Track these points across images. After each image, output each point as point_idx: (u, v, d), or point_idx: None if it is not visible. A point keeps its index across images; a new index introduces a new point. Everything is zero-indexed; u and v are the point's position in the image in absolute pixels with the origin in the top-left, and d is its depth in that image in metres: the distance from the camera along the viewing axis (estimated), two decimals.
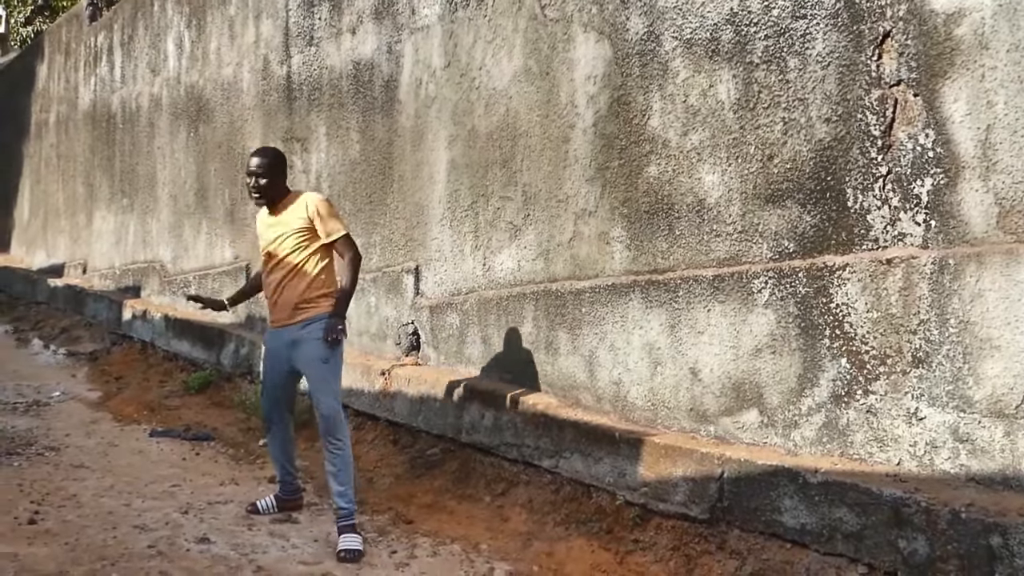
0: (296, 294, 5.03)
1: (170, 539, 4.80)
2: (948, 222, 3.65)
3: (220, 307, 5.65)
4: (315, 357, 4.99)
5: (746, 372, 4.35)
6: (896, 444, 3.77)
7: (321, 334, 4.95)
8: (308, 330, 5.02)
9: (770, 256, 4.31)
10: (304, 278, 5.03)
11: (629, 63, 5.02)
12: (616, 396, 5.02)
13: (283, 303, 5.08)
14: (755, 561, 4.03)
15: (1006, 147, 3.47)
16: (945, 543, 3.37)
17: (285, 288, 5.06)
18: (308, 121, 8.11)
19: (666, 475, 4.44)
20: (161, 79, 11.13)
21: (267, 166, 5.09)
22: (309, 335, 5.00)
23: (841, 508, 3.71)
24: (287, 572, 4.45)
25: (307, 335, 5.01)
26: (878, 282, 3.84)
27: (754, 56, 4.38)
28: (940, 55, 3.69)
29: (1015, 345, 3.39)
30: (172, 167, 10.75)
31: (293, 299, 5.04)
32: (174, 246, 10.66)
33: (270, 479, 6.06)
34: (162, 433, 7.31)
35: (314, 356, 4.99)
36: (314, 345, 4.98)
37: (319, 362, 4.98)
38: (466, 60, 6.24)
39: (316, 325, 5.00)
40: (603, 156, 5.17)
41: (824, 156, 4.09)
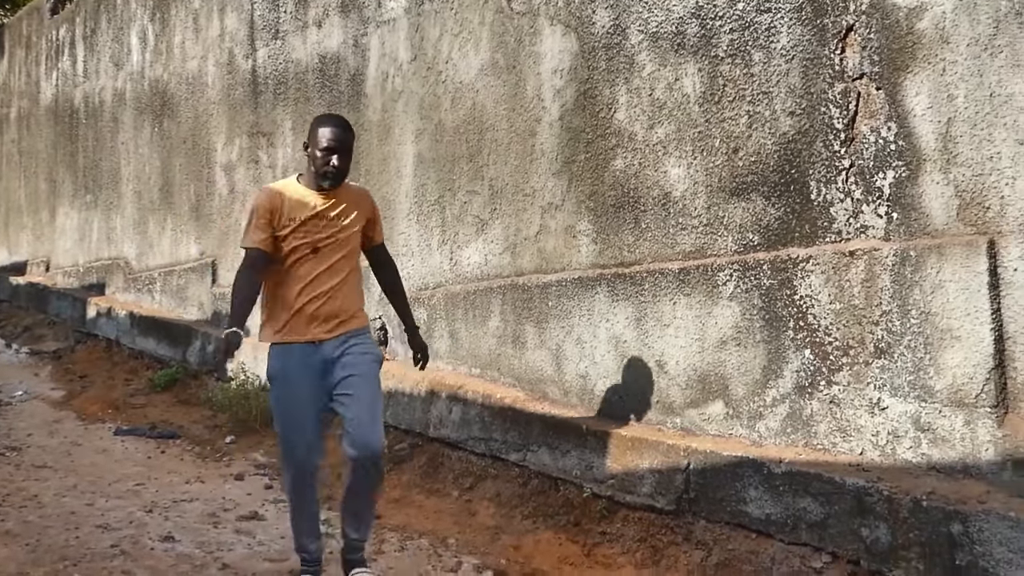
0: (347, 303, 4.08)
1: (134, 538, 4.75)
2: (910, 214, 3.69)
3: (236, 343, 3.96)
4: (368, 377, 4.02)
5: (711, 364, 4.37)
6: (859, 434, 3.80)
7: (372, 349, 4.11)
8: (355, 345, 4.05)
9: (735, 249, 4.33)
10: (355, 285, 4.16)
11: (595, 56, 5.02)
12: (583, 389, 5.03)
13: (327, 313, 4.02)
14: (721, 551, 4.05)
15: (966, 140, 3.51)
16: (907, 531, 3.41)
17: (335, 295, 4.03)
18: (274, 115, 8.05)
19: (633, 467, 4.46)
20: (125, 73, 11.01)
21: (350, 142, 4.10)
22: (357, 350, 4.04)
23: (805, 498, 3.74)
24: (253, 569, 4.43)
25: (355, 350, 4.04)
26: (841, 274, 3.87)
27: (719, 50, 4.40)
28: (902, 49, 3.72)
29: (975, 335, 3.43)
30: (136, 163, 10.64)
31: (341, 309, 4.05)
32: (139, 243, 10.55)
33: (237, 476, 6.02)
34: (127, 431, 7.24)
35: (366, 376, 4.02)
36: (365, 363, 4.04)
37: (373, 382, 4.04)
38: (432, 53, 6.22)
39: (362, 338, 4.10)
40: (569, 150, 5.17)
41: (788, 149, 4.12)
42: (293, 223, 3.98)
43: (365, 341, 4.09)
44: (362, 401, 3.95)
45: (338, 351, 4.00)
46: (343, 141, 4.05)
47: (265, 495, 5.65)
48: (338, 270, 4.03)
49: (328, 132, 4.02)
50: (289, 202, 4.01)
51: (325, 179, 4.01)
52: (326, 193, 4.05)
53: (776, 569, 3.82)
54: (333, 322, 4.01)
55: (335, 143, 4.01)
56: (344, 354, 4.00)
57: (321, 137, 4.00)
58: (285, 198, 4.02)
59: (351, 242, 4.11)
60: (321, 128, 4.04)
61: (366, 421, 3.92)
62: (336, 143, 4.01)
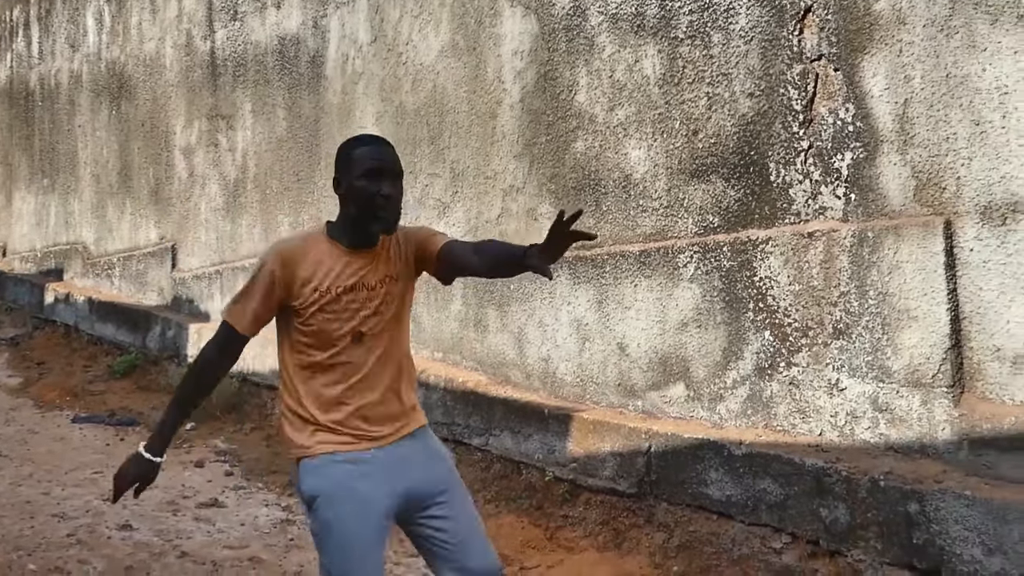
0: (407, 396, 2.86)
1: (91, 527, 4.69)
2: (867, 195, 3.69)
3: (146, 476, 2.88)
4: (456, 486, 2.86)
5: (672, 346, 4.37)
6: (818, 415, 3.82)
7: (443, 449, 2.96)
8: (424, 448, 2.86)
9: (695, 231, 4.33)
10: (411, 368, 2.93)
11: (556, 38, 4.99)
12: (545, 373, 5.01)
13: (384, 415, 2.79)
14: (682, 533, 4.06)
15: (922, 121, 3.52)
16: (865, 511, 3.43)
17: (392, 391, 2.82)
18: (233, 98, 7.95)
19: (595, 450, 4.46)
20: (81, 55, 10.83)
21: (401, 170, 2.78)
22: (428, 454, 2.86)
23: (765, 479, 3.76)
24: (212, 557, 4.39)
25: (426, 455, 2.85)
26: (800, 255, 3.87)
27: (679, 31, 4.38)
28: (859, 30, 3.72)
29: (931, 316, 3.45)
30: (94, 146, 10.47)
31: (401, 409, 2.83)
32: (97, 227, 10.40)
33: (196, 463, 5.97)
34: (85, 419, 7.15)
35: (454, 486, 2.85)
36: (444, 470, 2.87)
37: (465, 493, 2.89)
38: (393, 35, 6.15)
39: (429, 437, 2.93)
40: (530, 132, 5.14)
41: (747, 131, 4.11)
42: (319, 297, 2.71)
43: (433, 439, 2.94)
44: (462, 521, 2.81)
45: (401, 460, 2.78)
46: (394, 162, 2.75)
47: (225, 482, 5.60)
48: (391, 356, 2.81)
49: (370, 151, 2.73)
50: (313, 267, 2.73)
51: (377, 221, 2.69)
52: (365, 251, 2.75)
53: (737, 550, 3.83)
54: (393, 425, 2.81)
55: (383, 163, 2.71)
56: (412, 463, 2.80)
57: (360, 160, 2.71)
58: (307, 262, 2.73)
59: (400, 305, 2.83)
60: (358, 150, 2.75)
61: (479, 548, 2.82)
62: (384, 163, 2.72)
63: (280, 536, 4.70)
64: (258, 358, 7.05)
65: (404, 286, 2.82)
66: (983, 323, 3.34)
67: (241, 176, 7.83)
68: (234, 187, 7.93)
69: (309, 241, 2.78)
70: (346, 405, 2.74)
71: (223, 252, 8.07)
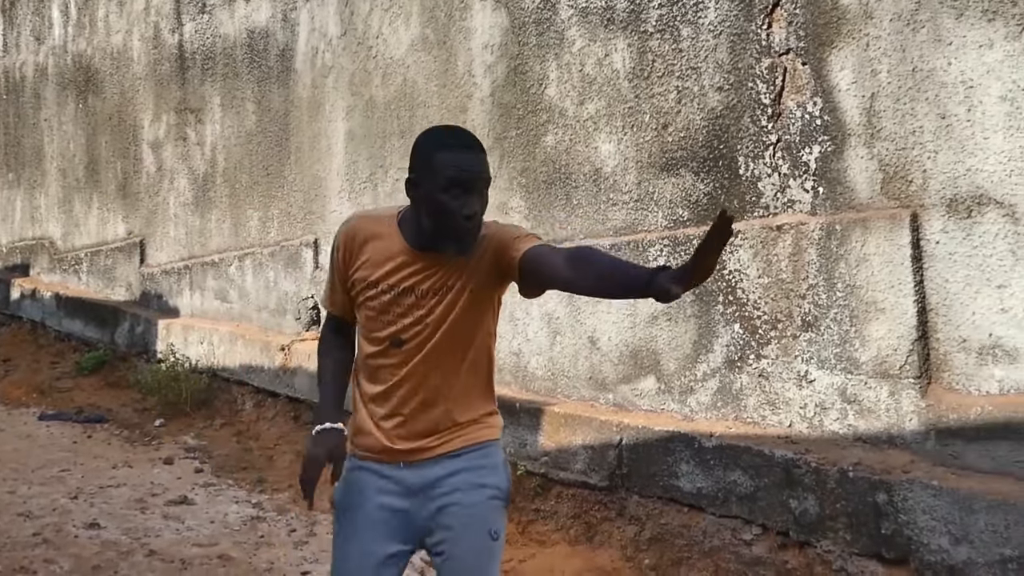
0: (452, 405, 2.49)
1: (57, 526, 4.64)
2: (835, 188, 3.72)
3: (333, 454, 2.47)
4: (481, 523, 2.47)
5: (643, 340, 4.38)
6: (787, 407, 3.84)
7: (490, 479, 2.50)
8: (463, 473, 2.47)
9: (665, 224, 4.34)
10: (473, 375, 2.52)
11: (526, 32, 4.98)
12: (516, 367, 5.01)
13: (419, 422, 2.48)
14: (654, 526, 4.08)
15: (889, 115, 3.54)
16: (834, 502, 3.45)
17: (435, 397, 2.47)
18: (202, 91, 7.87)
19: (566, 444, 4.46)
20: (47, 48, 10.69)
21: (489, 179, 2.38)
22: (470, 478, 2.47)
23: (735, 471, 3.78)
24: (181, 555, 4.35)
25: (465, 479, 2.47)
26: (769, 248, 3.89)
27: (648, 25, 4.39)
28: (827, 24, 3.74)
29: (898, 307, 3.47)
30: (60, 140, 10.35)
31: (443, 414, 2.48)
32: (64, 222, 10.28)
33: (166, 460, 5.92)
34: (52, 416, 7.07)
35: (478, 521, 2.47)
36: (479, 500, 2.47)
37: (486, 535, 2.48)
38: (363, 28, 6.12)
39: (477, 460, 2.50)
40: (501, 125, 5.13)
41: (716, 124, 4.12)
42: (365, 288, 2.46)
43: (482, 465, 2.50)
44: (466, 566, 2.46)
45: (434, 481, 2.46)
46: (484, 174, 2.34)
47: (195, 479, 5.56)
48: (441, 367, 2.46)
49: (458, 159, 2.29)
50: (372, 252, 2.45)
51: (455, 243, 2.34)
52: (430, 254, 2.39)
53: (707, 542, 3.85)
54: (429, 433, 2.48)
55: (472, 175, 2.30)
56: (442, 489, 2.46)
57: (444, 168, 2.29)
58: (370, 245, 2.46)
59: (461, 316, 2.42)
60: (443, 154, 2.31)
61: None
62: (474, 175, 2.30)
63: (250, 533, 4.67)
64: (228, 353, 7.01)
65: (471, 297, 2.40)
66: (949, 315, 3.37)
67: (210, 170, 7.77)
68: (203, 181, 7.87)
69: (382, 223, 2.47)
70: (379, 408, 2.48)
71: (192, 247, 8.00)
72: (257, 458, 5.95)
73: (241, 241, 7.35)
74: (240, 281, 7.29)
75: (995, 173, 3.25)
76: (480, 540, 2.45)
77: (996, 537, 3.01)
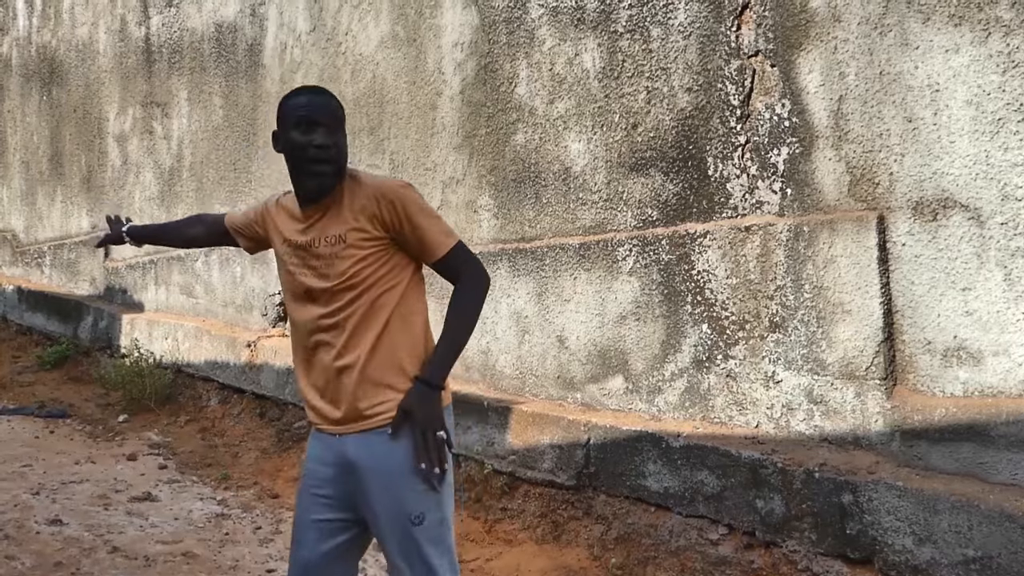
0: (362, 371, 2.53)
1: (19, 522, 4.58)
2: (803, 190, 3.74)
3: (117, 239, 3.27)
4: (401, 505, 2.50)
5: (611, 339, 4.39)
6: (754, 407, 3.86)
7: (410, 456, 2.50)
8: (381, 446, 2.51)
9: (634, 224, 4.34)
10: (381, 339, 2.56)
11: (496, 30, 4.97)
12: (485, 365, 5.00)
13: (335, 387, 2.55)
14: (620, 525, 4.08)
15: (857, 117, 3.57)
16: (800, 502, 3.47)
17: (339, 358, 2.54)
18: (169, 85, 7.79)
19: (534, 443, 4.46)
20: (10, 38, 10.54)
21: (339, 118, 2.58)
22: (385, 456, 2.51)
23: (702, 471, 3.79)
24: (145, 552, 4.31)
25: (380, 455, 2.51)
26: (737, 249, 3.91)
27: (618, 25, 4.39)
28: (796, 27, 3.76)
29: (865, 309, 3.50)
30: (24, 132, 10.21)
31: (355, 380, 2.52)
32: (27, 215, 10.15)
33: (129, 456, 5.86)
34: (13, 411, 6.98)
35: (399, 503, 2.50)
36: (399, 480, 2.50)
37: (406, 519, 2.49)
38: (332, 24, 6.08)
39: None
40: (470, 124, 5.12)
41: (686, 125, 4.13)
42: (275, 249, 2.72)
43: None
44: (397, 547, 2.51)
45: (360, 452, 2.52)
46: (328, 111, 2.55)
47: (159, 475, 5.50)
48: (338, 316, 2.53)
49: (301, 100, 2.56)
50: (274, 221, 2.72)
51: (311, 176, 2.51)
52: (314, 207, 2.57)
53: (674, 542, 3.86)
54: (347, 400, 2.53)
55: (314, 111, 2.53)
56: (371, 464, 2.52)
57: (291, 111, 2.55)
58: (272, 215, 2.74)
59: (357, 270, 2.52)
60: (291, 100, 2.60)
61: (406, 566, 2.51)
62: (316, 112, 2.53)
63: (215, 531, 4.63)
64: (193, 349, 6.94)
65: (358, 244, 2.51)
66: (915, 317, 3.40)
67: (176, 164, 7.69)
68: (169, 175, 7.79)
69: (283, 197, 2.75)
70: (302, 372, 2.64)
71: None
72: (222, 455, 5.90)
73: None
74: (206, 276, 7.22)
75: (960, 176, 3.28)
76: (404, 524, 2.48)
77: (959, 538, 3.04)
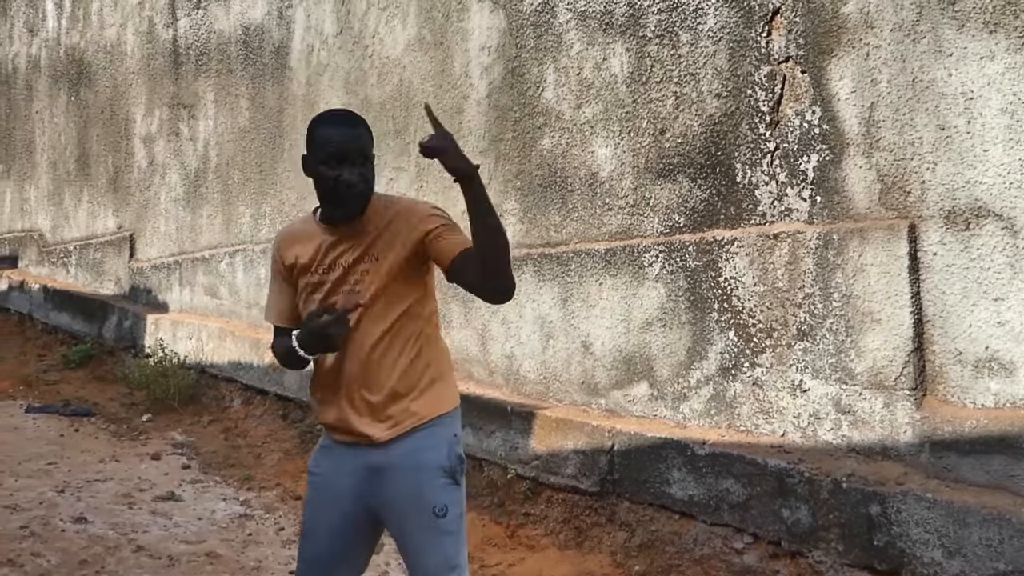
0: (390, 379, 2.63)
1: (44, 519, 4.60)
2: (833, 198, 3.71)
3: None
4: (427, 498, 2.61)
5: (637, 345, 4.37)
6: (781, 416, 3.83)
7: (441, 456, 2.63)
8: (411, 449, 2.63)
9: (661, 230, 4.32)
10: (407, 347, 2.66)
11: (524, 34, 4.96)
12: (509, 369, 4.99)
13: (374, 403, 2.63)
14: (644, 532, 4.06)
15: (888, 124, 3.54)
16: (827, 512, 3.44)
17: (368, 369, 2.63)
18: (196, 87, 7.84)
19: (557, 448, 4.44)
20: (40, 40, 10.63)
21: (368, 151, 2.64)
22: (413, 459, 2.62)
23: (728, 479, 3.76)
24: (169, 551, 4.32)
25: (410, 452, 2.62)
26: (765, 256, 3.88)
27: (647, 30, 4.37)
28: (827, 32, 3.73)
29: (895, 319, 3.47)
30: (52, 132, 10.29)
31: (383, 389, 2.62)
32: (54, 215, 10.22)
33: (153, 455, 5.88)
34: (39, 409, 7.02)
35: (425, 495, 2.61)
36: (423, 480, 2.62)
37: (430, 513, 2.60)
38: (359, 27, 6.10)
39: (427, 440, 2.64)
40: (497, 128, 5.11)
41: (714, 131, 4.11)
42: (300, 275, 2.70)
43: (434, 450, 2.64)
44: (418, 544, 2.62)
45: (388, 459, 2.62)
46: (355, 141, 2.60)
47: (182, 475, 5.52)
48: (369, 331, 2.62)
49: (331, 133, 2.60)
50: (300, 247, 2.70)
51: (337, 206, 2.61)
52: (337, 228, 2.66)
53: (698, 550, 3.84)
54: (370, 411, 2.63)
55: (344, 146, 2.57)
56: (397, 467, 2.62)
57: (322, 143, 2.60)
58: (295, 243, 2.72)
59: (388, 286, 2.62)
60: (320, 130, 2.64)
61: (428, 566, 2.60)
62: (345, 145, 2.58)
63: (238, 531, 4.64)
64: (217, 350, 6.97)
65: (395, 268, 2.62)
66: (946, 327, 3.37)
67: (202, 166, 7.73)
68: (195, 177, 7.83)
69: (300, 223, 2.78)
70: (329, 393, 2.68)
71: (183, 242, 7.96)
72: (245, 455, 5.91)
73: (232, 237, 7.32)
74: (231, 277, 7.25)
75: (994, 185, 3.24)
76: (429, 519, 2.58)
77: (990, 551, 3.01)
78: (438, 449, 2.64)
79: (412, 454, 2.61)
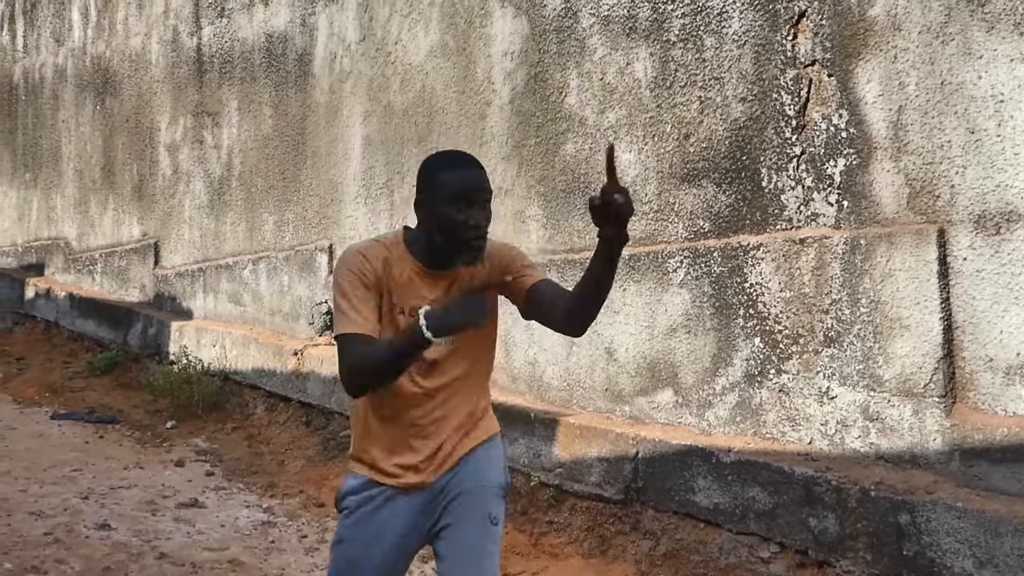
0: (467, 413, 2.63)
1: (68, 526, 4.62)
2: (860, 203, 3.66)
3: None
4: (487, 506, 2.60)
5: (661, 352, 4.33)
6: (808, 423, 3.79)
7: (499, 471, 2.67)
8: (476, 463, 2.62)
9: (685, 235, 4.29)
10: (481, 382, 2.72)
11: (547, 39, 4.95)
12: (532, 376, 4.97)
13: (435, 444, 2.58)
14: (669, 541, 4.02)
15: (916, 128, 3.49)
16: (855, 521, 3.39)
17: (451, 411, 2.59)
18: (219, 95, 7.87)
19: (581, 456, 4.41)
20: (66, 49, 10.71)
21: (491, 193, 2.53)
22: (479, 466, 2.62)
23: (754, 487, 3.72)
24: (192, 558, 4.32)
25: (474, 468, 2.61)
26: (791, 262, 3.84)
27: (671, 34, 4.35)
28: (854, 35, 3.69)
29: (924, 325, 3.42)
30: (77, 141, 10.37)
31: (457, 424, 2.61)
32: (79, 223, 10.29)
33: (177, 462, 5.89)
34: (64, 416, 7.06)
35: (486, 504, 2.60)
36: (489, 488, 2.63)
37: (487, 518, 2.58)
38: (382, 34, 6.10)
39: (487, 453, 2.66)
40: (520, 133, 5.09)
41: (739, 135, 4.08)
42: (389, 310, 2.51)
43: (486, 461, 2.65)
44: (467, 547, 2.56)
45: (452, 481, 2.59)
46: (484, 186, 2.48)
47: (206, 482, 5.53)
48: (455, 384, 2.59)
49: (459, 175, 2.46)
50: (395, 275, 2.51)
51: (463, 253, 2.46)
52: (442, 273, 2.53)
53: (724, 559, 3.79)
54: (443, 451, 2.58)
55: (472, 188, 2.45)
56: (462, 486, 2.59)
57: (446, 185, 2.44)
58: (392, 268, 2.51)
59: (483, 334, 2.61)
60: (445, 173, 2.47)
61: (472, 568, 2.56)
62: (475, 188, 2.45)
63: (261, 539, 4.63)
64: (240, 357, 6.98)
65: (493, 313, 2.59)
66: (976, 333, 3.32)
67: (226, 174, 7.76)
68: (219, 184, 7.86)
69: (386, 248, 2.53)
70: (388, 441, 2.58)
71: (207, 250, 7.99)
72: (268, 463, 5.91)
73: (256, 245, 7.33)
74: (254, 285, 7.27)
75: None
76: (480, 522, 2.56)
77: (1022, 561, 2.95)
78: (496, 462, 2.67)
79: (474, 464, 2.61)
